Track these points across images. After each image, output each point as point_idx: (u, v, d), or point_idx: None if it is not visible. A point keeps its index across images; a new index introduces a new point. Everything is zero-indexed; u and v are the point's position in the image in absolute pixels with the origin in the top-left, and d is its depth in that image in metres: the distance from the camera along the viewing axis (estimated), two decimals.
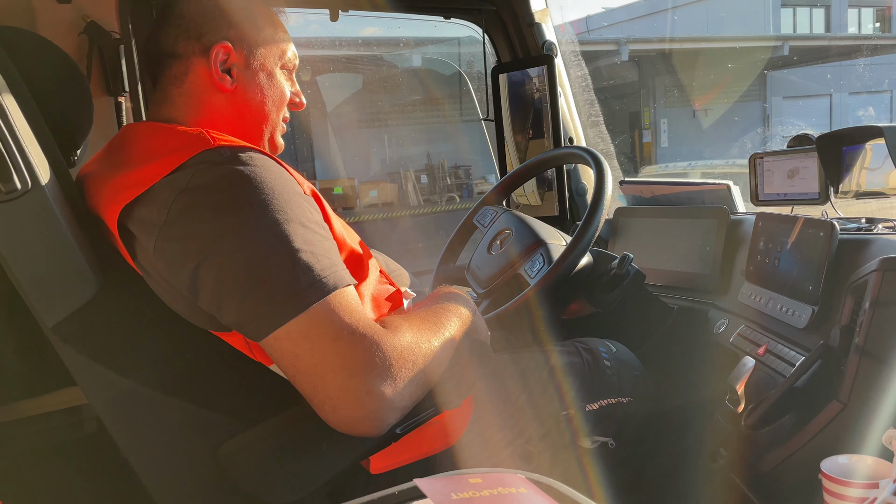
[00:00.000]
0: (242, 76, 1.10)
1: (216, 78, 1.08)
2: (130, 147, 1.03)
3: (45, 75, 1.09)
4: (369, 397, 0.87)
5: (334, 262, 0.93)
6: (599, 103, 2.35)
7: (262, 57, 1.11)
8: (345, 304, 0.91)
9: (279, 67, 1.14)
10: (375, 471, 1.03)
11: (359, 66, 10.86)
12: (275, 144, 1.18)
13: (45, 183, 0.93)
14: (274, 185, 0.93)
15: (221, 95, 1.09)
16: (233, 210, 0.90)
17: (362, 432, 0.90)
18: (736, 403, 1.28)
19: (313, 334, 0.88)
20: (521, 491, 0.54)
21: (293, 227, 0.91)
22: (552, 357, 1.30)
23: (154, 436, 1.02)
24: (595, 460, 1.23)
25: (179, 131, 1.00)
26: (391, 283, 1.18)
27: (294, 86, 1.19)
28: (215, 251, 0.89)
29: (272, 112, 1.14)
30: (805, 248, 1.36)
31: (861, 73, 17.09)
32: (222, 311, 0.91)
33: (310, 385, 0.89)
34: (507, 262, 1.57)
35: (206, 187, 0.91)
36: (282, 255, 0.89)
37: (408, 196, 11.25)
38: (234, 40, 1.09)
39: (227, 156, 0.93)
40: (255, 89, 1.11)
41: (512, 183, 1.84)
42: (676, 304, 1.77)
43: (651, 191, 2.08)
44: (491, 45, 2.21)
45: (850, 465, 0.99)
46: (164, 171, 0.93)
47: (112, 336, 0.98)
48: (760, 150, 1.71)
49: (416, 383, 0.93)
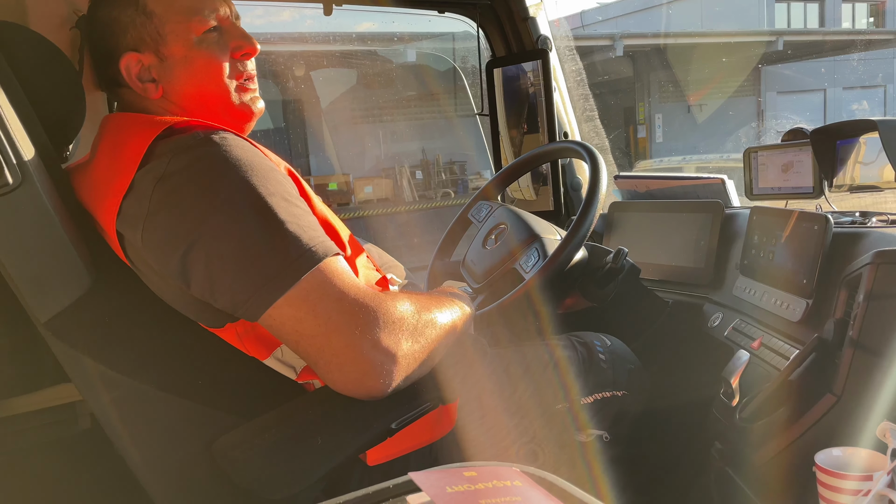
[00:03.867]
0: (164, 74, 1.05)
1: (140, 91, 1.05)
2: (105, 138, 1.03)
3: (36, 70, 1.08)
4: (375, 350, 0.88)
5: (320, 234, 0.93)
6: (594, 98, 2.35)
7: (170, 42, 1.04)
8: (339, 269, 0.91)
9: (195, 36, 1.04)
10: (372, 462, 1.03)
11: (353, 62, 10.84)
12: (244, 110, 1.09)
13: (37, 177, 0.93)
14: (251, 162, 0.92)
15: (156, 102, 1.06)
16: (213, 191, 0.90)
17: (369, 389, 0.90)
18: (730, 397, 1.28)
19: (314, 298, 0.88)
20: (516, 484, 0.54)
21: (276, 200, 0.91)
22: (548, 351, 1.30)
23: (148, 431, 1.01)
24: (590, 453, 1.23)
25: (146, 116, 1.01)
26: (377, 270, 1.17)
27: (233, 36, 1.07)
28: (201, 234, 0.89)
29: (212, 85, 1.06)
30: (799, 241, 1.36)
31: (855, 68, 17.13)
32: (216, 295, 0.90)
33: (315, 347, 0.89)
34: (503, 257, 1.57)
35: (184, 172, 0.91)
36: (268, 229, 0.89)
37: (403, 192, 11.24)
38: (137, 43, 1.04)
39: (200, 138, 0.93)
40: (183, 78, 1.05)
41: (507, 178, 1.84)
42: (671, 298, 1.77)
43: (646, 185, 2.08)
44: (485, 39, 2.20)
45: (845, 458, 0.99)
46: (136, 157, 0.92)
47: (105, 331, 0.98)
48: (755, 144, 1.71)
49: (418, 346, 0.94)
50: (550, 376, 1.26)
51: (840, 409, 1.10)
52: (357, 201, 10.67)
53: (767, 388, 1.22)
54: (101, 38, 1.07)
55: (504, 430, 1.19)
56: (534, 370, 1.26)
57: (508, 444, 1.18)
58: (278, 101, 10.98)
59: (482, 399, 1.17)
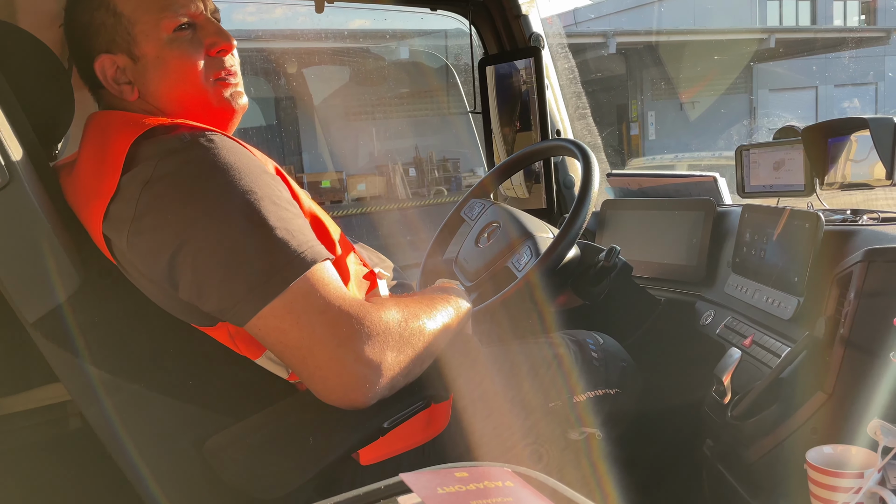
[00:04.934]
0: (138, 76, 1.03)
1: (117, 93, 1.04)
2: (89, 137, 1.02)
3: (25, 68, 1.07)
4: (358, 363, 0.87)
5: (309, 238, 0.92)
6: (587, 96, 2.35)
7: (141, 43, 1.01)
8: (326, 277, 0.90)
9: (166, 35, 1.01)
10: (365, 462, 1.03)
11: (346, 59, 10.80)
12: (224, 108, 1.06)
13: (25, 177, 0.92)
14: (239, 165, 0.91)
15: (136, 103, 1.05)
16: (201, 195, 0.89)
17: (353, 401, 0.89)
18: (722, 394, 1.28)
19: (298, 308, 0.87)
20: (508, 484, 0.54)
21: (264, 205, 0.90)
22: (540, 350, 1.30)
23: (139, 431, 1.01)
24: (582, 452, 1.23)
25: (129, 114, 1.00)
26: (364, 264, 1.17)
27: (207, 32, 1.04)
28: (188, 238, 0.88)
29: (188, 85, 1.03)
30: (791, 239, 1.37)
31: (846, 66, 17.18)
32: (203, 299, 0.90)
33: (298, 358, 0.89)
34: (495, 255, 1.57)
35: (171, 175, 0.90)
36: (256, 234, 0.88)
37: (396, 189, 11.22)
38: (109, 45, 1.02)
39: (187, 141, 0.92)
40: (157, 79, 1.03)
41: (499, 176, 1.84)
42: (663, 295, 1.77)
43: (638, 183, 2.08)
44: (478, 36, 2.20)
45: (836, 456, 0.99)
46: (119, 156, 0.91)
47: (94, 331, 0.97)
48: (747, 142, 1.72)
49: (404, 356, 0.93)
50: (542, 375, 1.26)
51: (831, 407, 1.10)
52: (350, 198, 10.65)
53: (759, 385, 1.22)
54: (78, 40, 1.06)
55: (496, 428, 1.19)
56: (525, 369, 1.26)
57: (503, 441, 1.18)
58: (270, 99, 10.95)
59: (473, 396, 1.17)
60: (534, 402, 1.22)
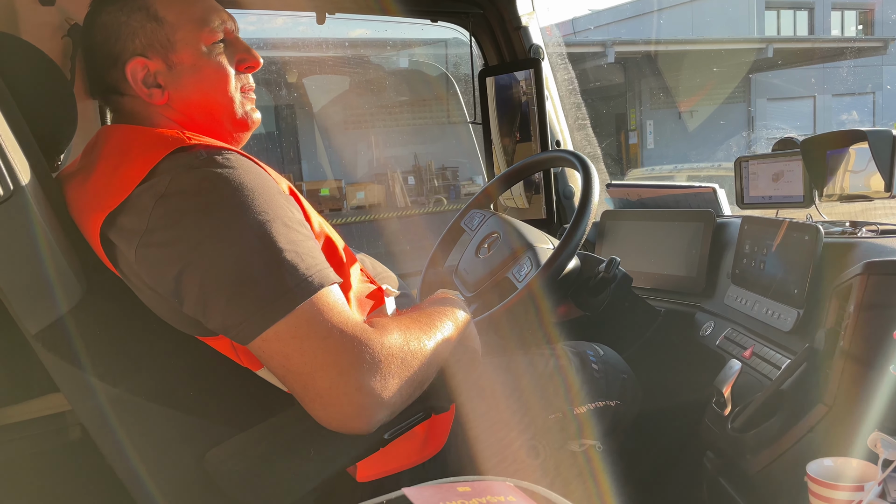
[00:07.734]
0: (171, 81, 1.05)
1: (146, 97, 1.05)
2: (106, 150, 1.02)
3: (27, 79, 1.07)
4: (359, 393, 0.87)
5: (318, 261, 0.92)
6: (586, 105, 2.35)
7: (180, 50, 1.05)
8: (332, 302, 0.90)
9: (204, 46, 1.06)
10: (362, 479, 1.03)
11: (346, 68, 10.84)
12: (245, 121, 1.11)
13: (28, 188, 0.92)
14: (253, 185, 0.92)
15: (160, 108, 1.06)
16: (213, 213, 0.89)
17: (352, 429, 0.89)
18: (722, 406, 1.28)
19: (302, 334, 0.87)
20: (510, 499, 0.54)
21: (276, 227, 0.90)
22: (540, 361, 1.30)
23: (139, 442, 1.01)
24: (583, 464, 1.23)
25: (154, 132, 0.99)
26: (372, 281, 1.17)
27: (237, 49, 1.10)
28: (198, 256, 0.88)
29: (219, 95, 1.08)
30: (790, 251, 1.37)
31: (844, 76, 17.25)
32: (208, 316, 0.90)
33: (300, 384, 0.88)
34: (495, 266, 1.57)
35: (186, 192, 0.90)
36: (266, 255, 0.88)
37: (395, 198, 11.24)
38: (145, 49, 1.04)
39: (203, 158, 0.92)
40: (190, 86, 1.06)
41: (499, 187, 1.84)
42: (663, 307, 1.77)
43: (637, 194, 2.09)
44: (478, 48, 2.21)
45: (836, 468, 0.99)
46: (139, 174, 0.92)
47: (96, 343, 0.97)
48: (745, 153, 1.72)
49: (405, 381, 0.92)
50: (543, 386, 1.26)
51: (831, 419, 1.10)
52: (349, 207, 10.67)
53: (759, 397, 1.22)
54: (103, 43, 1.05)
55: (496, 439, 1.18)
56: (526, 380, 1.26)
57: (503, 453, 1.18)
58: (270, 107, 10.98)
59: (474, 407, 1.17)
60: (535, 414, 1.22)
